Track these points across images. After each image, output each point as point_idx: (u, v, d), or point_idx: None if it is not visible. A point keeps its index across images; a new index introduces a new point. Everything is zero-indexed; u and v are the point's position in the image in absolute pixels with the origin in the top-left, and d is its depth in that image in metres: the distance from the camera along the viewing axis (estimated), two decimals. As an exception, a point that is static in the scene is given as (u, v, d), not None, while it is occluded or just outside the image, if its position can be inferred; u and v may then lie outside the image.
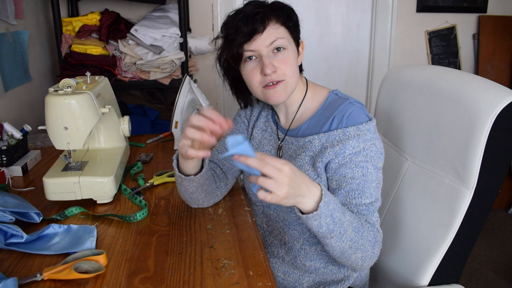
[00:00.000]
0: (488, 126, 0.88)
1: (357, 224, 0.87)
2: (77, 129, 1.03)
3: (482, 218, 0.98)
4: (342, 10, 2.69)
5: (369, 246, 0.89)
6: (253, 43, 0.94)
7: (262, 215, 1.12)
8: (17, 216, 0.95)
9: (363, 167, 0.92)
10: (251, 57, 0.97)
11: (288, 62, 0.96)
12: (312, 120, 1.03)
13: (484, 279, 2.15)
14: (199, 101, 1.53)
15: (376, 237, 0.91)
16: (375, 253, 0.91)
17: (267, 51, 0.95)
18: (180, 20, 1.99)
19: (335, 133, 0.95)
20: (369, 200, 0.92)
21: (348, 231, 0.84)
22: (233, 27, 0.95)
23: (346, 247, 0.86)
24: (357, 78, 2.84)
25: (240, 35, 0.94)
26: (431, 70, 1.14)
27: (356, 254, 0.88)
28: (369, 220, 0.92)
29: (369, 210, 0.92)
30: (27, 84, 1.84)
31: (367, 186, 0.92)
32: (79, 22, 1.98)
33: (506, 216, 2.77)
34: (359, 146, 0.92)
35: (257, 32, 0.93)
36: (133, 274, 0.80)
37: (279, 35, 0.95)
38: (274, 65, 0.95)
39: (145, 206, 1.06)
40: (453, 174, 0.97)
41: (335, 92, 1.04)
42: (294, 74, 0.98)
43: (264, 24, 0.94)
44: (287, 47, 0.96)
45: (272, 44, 0.94)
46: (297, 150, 1.01)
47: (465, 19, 2.74)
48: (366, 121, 0.95)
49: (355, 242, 0.86)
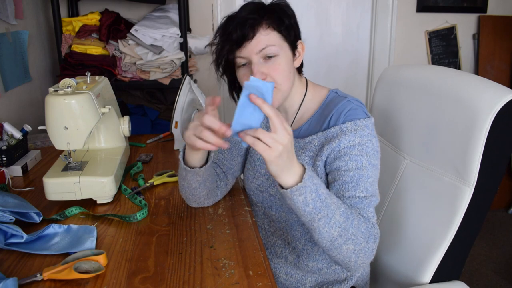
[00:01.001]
0: (488, 124, 0.89)
1: (345, 209, 0.84)
2: (77, 129, 1.03)
3: (482, 215, 0.98)
4: (342, 10, 2.69)
5: (362, 238, 0.85)
6: (243, 50, 0.93)
7: (263, 215, 1.11)
8: (17, 216, 0.95)
9: (358, 161, 0.91)
10: (244, 64, 0.95)
11: (278, 69, 0.94)
12: (312, 120, 1.02)
13: (484, 279, 2.15)
14: (199, 101, 1.53)
15: (370, 231, 0.87)
16: (369, 248, 0.86)
17: (257, 58, 0.93)
18: (180, 20, 1.99)
19: (333, 130, 0.94)
20: (364, 194, 0.90)
21: (336, 215, 0.81)
22: (225, 33, 0.94)
23: (336, 235, 0.82)
24: (357, 78, 2.84)
25: (230, 42, 0.93)
26: (428, 69, 1.15)
27: (347, 245, 0.83)
28: (363, 213, 0.89)
29: (363, 203, 0.89)
30: (27, 84, 1.84)
31: (362, 180, 0.90)
32: (79, 22, 1.98)
33: (506, 216, 2.77)
34: (355, 140, 0.91)
35: (246, 39, 0.92)
36: (133, 274, 0.80)
37: (269, 42, 0.93)
38: (264, 72, 0.93)
39: (145, 206, 1.06)
40: (452, 172, 0.98)
41: (335, 91, 1.04)
42: (286, 80, 0.96)
43: (254, 31, 0.92)
44: (278, 54, 0.94)
45: (261, 51, 0.92)
46: (297, 151, 1.01)
47: (465, 19, 2.74)
48: (364, 118, 0.94)
49: (345, 229, 0.82)
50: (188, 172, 0.97)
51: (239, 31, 0.91)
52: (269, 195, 1.06)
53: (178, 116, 1.50)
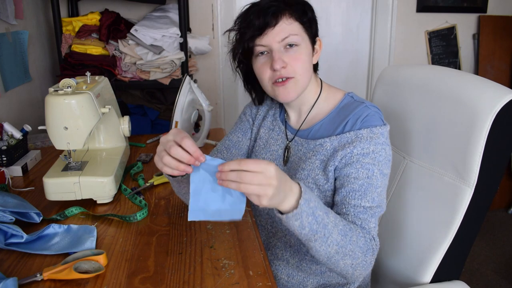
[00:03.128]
0: (488, 124, 0.89)
1: (343, 227, 0.81)
2: (77, 129, 1.03)
3: (482, 214, 0.98)
4: (342, 10, 2.69)
5: (360, 253, 0.82)
6: (264, 38, 0.92)
7: (267, 216, 1.09)
8: (17, 216, 0.95)
9: (369, 169, 0.88)
10: (263, 52, 0.94)
11: (299, 59, 0.93)
12: (324, 122, 1.00)
13: (484, 279, 2.15)
14: (199, 101, 1.53)
15: (368, 245, 0.84)
16: (367, 261, 0.84)
17: (278, 46, 0.92)
18: (180, 20, 1.99)
19: (348, 135, 0.92)
20: (369, 204, 0.87)
21: (333, 234, 0.79)
22: (246, 20, 0.93)
23: (333, 252, 0.80)
24: (357, 78, 2.84)
25: (251, 29, 0.91)
26: (428, 69, 1.15)
27: (344, 261, 0.82)
28: (364, 225, 0.87)
29: (366, 213, 0.87)
30: (27, 84, 1.84)
31: (370, 190, 0.88)
32: (79, 22, 1.98)
33: (506, 216, 2.77)
34: (369, 148, 0.89)
35: (269, 26, 0.90)
36: (133, 274, 0.80)
37: (292, 31, 0.92)
38: (284, 61, 0.92)
39: (145, 206, 1.06)
40: (452, 172, 0.98)
41: (351, 95, 1.02)
42: (305, 72, 0.95)
43: (276, 18, 0.91)
44: (300, 44, 0.93)
45: (284, 40, 0.91)
46: (307, 153, 0.99)
47: (465, 19, 2.74)
48: (381, 125, 0.92)
49: (343, 247, 0.80)
50: (172, 180, 0.91)
51: (262, 18, 0.90)
52: None
53: (178, 116, 1.50)
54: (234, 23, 0.97)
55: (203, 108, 1.53)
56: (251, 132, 1.16)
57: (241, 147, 1.15)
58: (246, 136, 1.16)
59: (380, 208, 0.90)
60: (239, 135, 1.16)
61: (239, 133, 1.16)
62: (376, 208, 0.88)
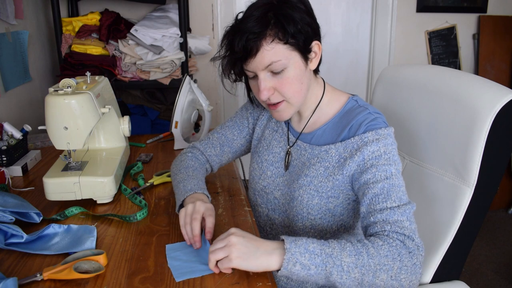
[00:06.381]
0: (488, 124, 0.89)
1: (351, 246, 0.75)
2: (77, 129, 1.03)
3: (482, 214, 0.98)
4: (342, 10, 2.70)
5: (390, 261, 0.74)
6: (248, 65, 0.89)
7: (266, 218, 1.09)
8: (17, 216, 0.95)
9: (386, 170, 0.85)
10: (254, 76, 0.91)
11: (287, 83, 0.89)
12: (328, 127, 0.98)
13: (484, 279, 2.15)
14: (199, 101, 1.53)
15: (397, 248, 0.75)
16: (408, 264, 0.74)
17: (264, 73, 0.89)
18: (180, 20, 1.99)
19: (353, 140, 0.90)
20: (397, 204, 0.81)
21: (344, 258, 0.73)
22: (229, 43, 0.89)
23: (358, 276, 0.72)
24: (357, 78, 2.84)
25: (235, 54, 0.88)
26: (428, 69, 1.15)
27: (380, 277, 0.73)
28: (395, 228, 0.78)
29: (395, 214, 0.80)
30: (27, 84, 1.84)
31: (393, 190, 0.82)
32: (79, 22, 1.98)
33: (506, 216, 2.77)
34: (379, 150, 0.87)
35: (249, 55, 0.86)
36: (133, 274, 0.80)
37: (274, 57, 0.86)
38: (272, 87, 0.90)
39: (145, 206, 1.06)
40: (452, 172, 0.98)
41: (355, 99, 0.99)
42: (296, 92, 0.92)
43: (257, 46, 0.85)
44: (286, 67, 0.88)
45: (267, 67, 0.88)
46: (311, 159, 0.97)
47: (465, 19, 2.74)
48: (386, 127, 0.90)
49: (364, 266, 0.72)
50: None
51: (242, 46, 0.86)
52: (273, 197, 1.05)
53: (178, 116, 1.50)
54: (220, 47, 0.92)
55: (203, 108, 1.53)
56: (248, 130, 1.16)
57: (233, 145, 1.17)
58: (241, 135, 1.17)
59: (410, 204, 0.82)
60: (235, 132, 1.17)
61: (235, 130, 1.17)
62: (404, 206, 0.81)
